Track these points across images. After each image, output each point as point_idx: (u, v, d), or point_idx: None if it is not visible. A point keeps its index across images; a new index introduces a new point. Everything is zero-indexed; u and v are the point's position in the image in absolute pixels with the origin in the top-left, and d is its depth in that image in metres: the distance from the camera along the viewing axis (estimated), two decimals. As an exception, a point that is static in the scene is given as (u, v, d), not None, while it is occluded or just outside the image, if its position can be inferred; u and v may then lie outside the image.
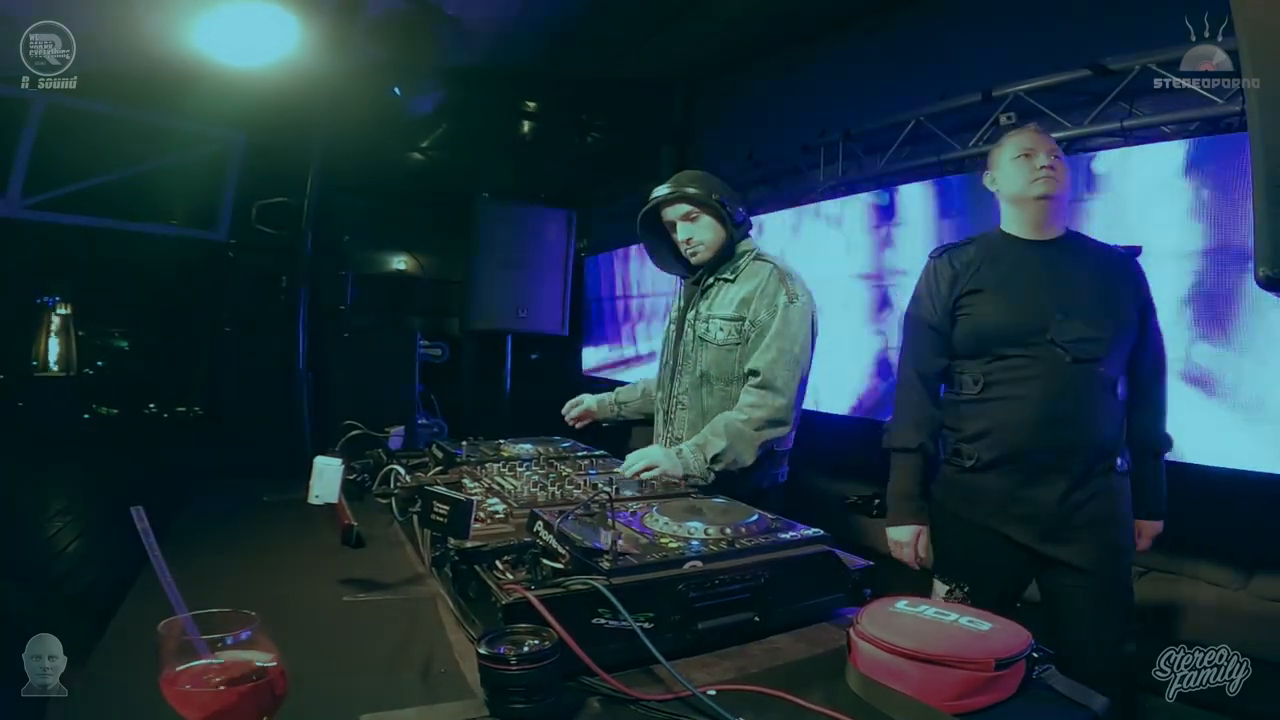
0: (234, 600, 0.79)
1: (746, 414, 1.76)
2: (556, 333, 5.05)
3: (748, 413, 1.76)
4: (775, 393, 1.76)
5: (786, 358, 1.78)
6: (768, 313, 1.81)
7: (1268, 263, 0.98)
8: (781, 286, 1.82)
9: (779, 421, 1.77)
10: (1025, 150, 1.71)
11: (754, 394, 1.78)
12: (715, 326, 1.88)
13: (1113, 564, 1.67)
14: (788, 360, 1.78)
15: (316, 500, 1.40)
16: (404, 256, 5.99)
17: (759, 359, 1.79)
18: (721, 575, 1.04)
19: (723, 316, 1.87)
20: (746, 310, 1.84)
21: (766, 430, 1.76)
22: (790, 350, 1.78)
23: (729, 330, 1.86)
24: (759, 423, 1.75)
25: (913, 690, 0.86)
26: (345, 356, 4.10)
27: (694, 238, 1.89)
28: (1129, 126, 2.72)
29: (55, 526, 3.90)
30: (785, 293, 1.82)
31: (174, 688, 0.70)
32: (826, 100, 4.20)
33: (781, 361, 1.77)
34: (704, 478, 1.71)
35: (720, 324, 1.87)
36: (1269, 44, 0.96)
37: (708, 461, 1.71)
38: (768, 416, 1.75)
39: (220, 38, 3.35)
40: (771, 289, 1.82)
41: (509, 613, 0.92)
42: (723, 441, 1.73)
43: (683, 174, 1.92)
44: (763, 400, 1.76)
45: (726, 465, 1.73)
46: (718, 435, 1.74)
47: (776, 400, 1.76)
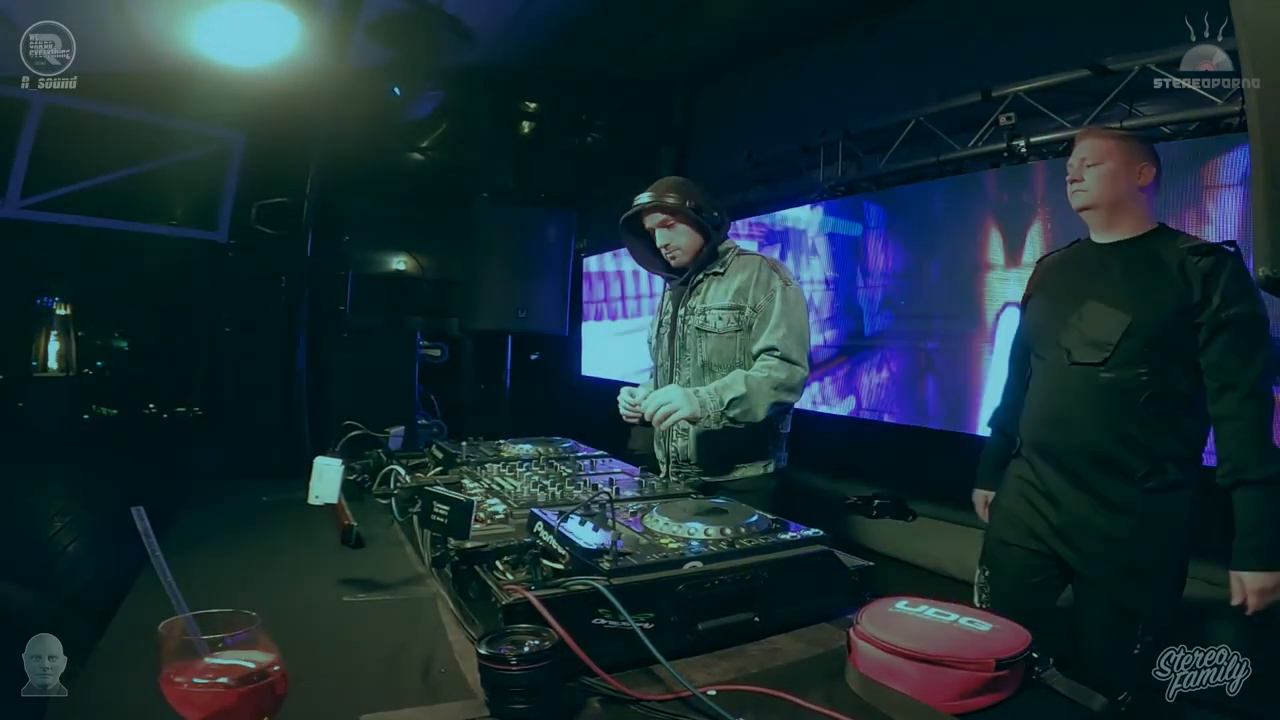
0: (234, 600, 0.79)
1: (765, 372, 1.84)
2: (556, 333, 5.05)
3: (766, 371, 1.85)
4: (792, 363, 1.86)
5: (796, 334, 1.89)
6: (766, 298, 1.91)
7: (1268, 263, 0.98)
8: (775, 273, 1.95)
9: (793, 388, 1.86)
10: (1067, 165, 1.71)
11: (772, 359, 1.87)
12: (714, 316, 1.97)
13: (1118, 581, 1.59)
14: (798, 335, 1.89)
15: (316, 500, 1.40)
16: (404, 257, 5.98)
17: (770, 336, 1.89)
18: (721, 575, 1.04)
19: (720, 306, 1.96)
20: (744, 299, 1.94)
21: (782, 393, 1.84)
22: (797, 328, 1.90)
23: (728, 318, 1.95)
24: (775, 382, 1.83)
25: (913, 690, 0.86)
26: (345, 357, 4.10)
27: (671, 243, 1.99)
28: (1129, 126, 2.72)
29: (55, 526, 3.89)
30: (779, 278, 1.94)
31: (174, 688, 0.70)
32: (826, 100, 4.20)
33: (793, 336, 1.88)
34: (717, 421, 1.80)
35: (719, 313, 1.96)
36: (1269, 44, 0.96)
37: (724, 405, 1.79)
38: (785, 380, 1.84)
39: (220, 38, 3.35)
40: (765, 276, 1.94)
41: (509, 613, 0.92)
42: (742, 388, 1.80)
43: (661, 182, 2.02)
44: (781, 366, 1.86)
45: (739, 415, 1.80)
46: (737, 383, 1.82)
47: (795, 369, 1.86)
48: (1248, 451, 1.47)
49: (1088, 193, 1.65)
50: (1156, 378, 1.55)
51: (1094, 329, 1.61)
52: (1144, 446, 1.57)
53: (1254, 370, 1.49)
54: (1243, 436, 1.48)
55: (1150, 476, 1.56)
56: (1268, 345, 1.51)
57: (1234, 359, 1.49)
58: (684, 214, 1.94)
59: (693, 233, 1.98)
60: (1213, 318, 1.50)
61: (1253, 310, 1.50)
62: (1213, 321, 1.50)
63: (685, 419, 1.77)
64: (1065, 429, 1.65)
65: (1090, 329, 1.62)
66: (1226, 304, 1.49)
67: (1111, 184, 1.63)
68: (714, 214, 1.98)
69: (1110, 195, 1.64)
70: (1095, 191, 1.64)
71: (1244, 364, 1.49)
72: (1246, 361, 1.49)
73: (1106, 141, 1.66)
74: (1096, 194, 1.64)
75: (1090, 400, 1.61)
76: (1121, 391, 1.57)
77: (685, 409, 1.76)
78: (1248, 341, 1.50)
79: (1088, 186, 1.65)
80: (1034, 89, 3.00)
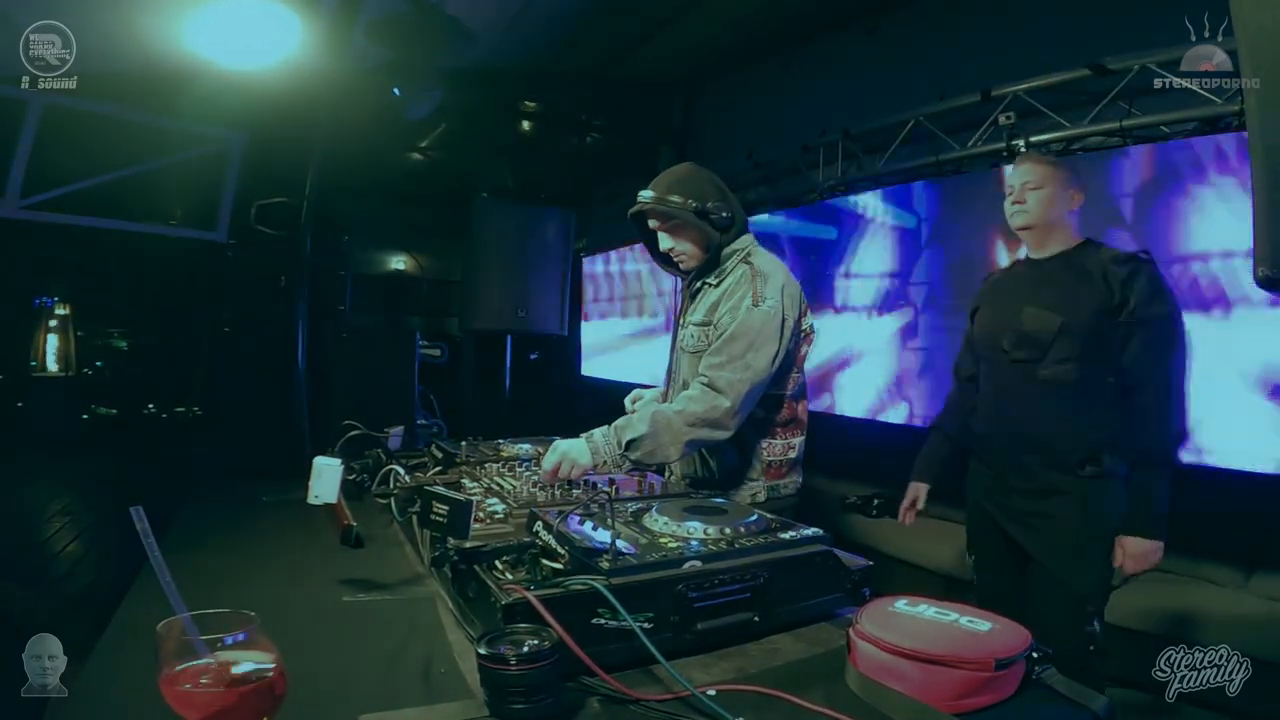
0: (234, 600, 0.79)
1: (681, 404, 1.63)
2: (556, 333, 5.05)
3: (683, 403, 1.63)
4: (718, 394, 1.62)
5: (736, 363, 1.64)
6: (730, 316, 1.70)
7: (1267, 263, 0.98)
8: (749, 289, 1.71)
9: (714, 423, 1.62)
10: (1008, 186, 1.87)
11: (696, 389, 1.66)
12: (689, 334, 1.81)
13: (1065, 565, 1.74)
14: (737, 365, 1.64)
15: (316, 500, 1.40)
16: (403, 256, 5.99)
17: (706, 361, 1.69)
18: (721, 575, 1.04)
19: (695, 323, 1.80)
20: (714, 314, 1.75)
21: (700, 430, 1.61)
22: (741, 356, 1.65)
23: (699, 336, 1.77)
24: (691, 418, 1.61)
25: (912, 690, 0.86)
26: (345, 356, 4.09)
27: (675, 248, 1.81)
28: (1128, 126, 2.72)
29: (55, 526, 3.89)
30: (751, 295, 1.70)
31: (174, 688, 0.70)
32: (826, 100, 4.20)
33: (729, 365, 1.64)
34: (617, 465, 1.59)
35: (694, 330, 1.80)
36: (1269, 44, 0.96)
37: (621, 447, 1.58)
38: (703, 414, 1.61)
39: (220, 38, 3.34)
40: (740, 292, 1.71)
41: (509, 613, 0.92)
42: (643, 427, 1.59)
43: (666, 175, 1.82)
44: (702, 396, 1.63)
45: (644, 455, 1.59)
46: (641, 420, 1.61)
47: (718, 400, 1.62)
48: (1152, 437, 1.69)
49: (1028, 214, 1.81)
50: (1087, 371, 1.73)
51: (1031, 330, 1.78)
52: (1079, 436, 1.73)
53: (1162, 366, 1.69)
54: (1151, 424, 1.69)
55: (1086, 464, 1.72)
56: (1177, 345, 1.71)
57: (1147, 356, 1.69)
58: (685, 218, 1.75)
59: (698, 236, 1.78)
60: (1129, 317, 1.69)
61: (1163, 312, 1.70)
62: (1129, 321, 1.69)
63: (584, 469, 1.56)
64: (1009, 423, 1.84)
65: (1028, 331, 1.79)
66: (1141, 305, 1.69)
67: (1049, 207, 1.80)
68: (723, 214, 1.75)
69: (1047, 217, 1.81)
70: (1034, 213, 1.81)
71: (1155, 361, 1.69)
72: (1157, 358, 1.69)
73: (1045, 168, 1.82)
74: (1035, 215, 1.81)
75: (1029, 395, 1.79)
76: (1057, 385, 1.75)
77: (582, 459, 1.56)
78: (1159, 341, 1.69)
79: (1029, 209, 1.81)
80: (1034, 89, 3.00)
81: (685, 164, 1.89)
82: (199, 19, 3.27)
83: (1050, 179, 1.80)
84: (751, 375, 1.64)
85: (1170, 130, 2.64)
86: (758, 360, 1.65)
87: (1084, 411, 1.73)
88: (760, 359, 1.65)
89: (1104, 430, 1.72)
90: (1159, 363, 1.70)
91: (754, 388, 1.65)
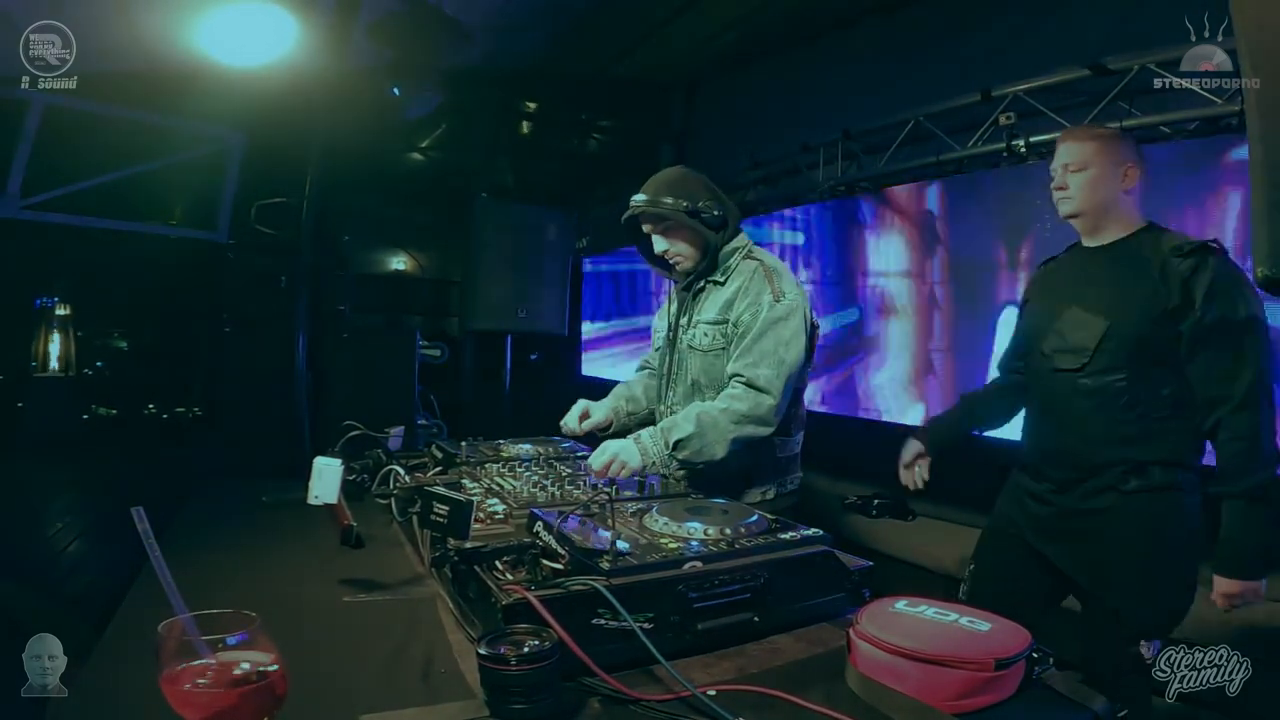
0: (234, 600, 0.79)
1: (725, 403, 1.67)
2: (556, 333, 5.05)
3: (726, 401, 1.67)
4: (760, 392, 1.67)
5: (770, 359, 1.69)
6: (750, 313, 1.73)
7: (1266, 263, 0.98)
8: (767, 285, 1.74)
9: (760, 419, 1.66)
10: (1051, 169, 1.67)
11: (737, 387, 1.69)
12: (701, 332, 1.82)
13: (1104, 584, 1.58)
14: (772, 361, 1.68)
15: (316, 501, 1.40)
16: (404, 256, 5.98)
17: (739, 361, 1.71)
18: (721, 575, 1.04)
19: (708, 321, 1.81)
20: (729, 312, 1.77)
21: (746, 427, 1.65)
22: (774, 352, 1.69)
23: (713, 335, 1.79)
24: (736, 415, 1.65)
25: (912, 690, 0.86)
26: (345, 357, 4.10)
27: (671, 250, 1.83)
28: (1128, 126, 2.72)
29: (55, 526, 3.89)
30: (770, 291, 1.73)
31: (174, 688, 0.70)
32: (826, 100, 4.20)
33: (766, 361, 1.68)
34: (665, 466, 1.62)
35: (705, 329, 1.81)
36: (1269, 44, 0.96)
37: (669, 448, 1.62)
38: (748, 412, 1.65)
39: (219, 38, 3.35)
40: (756, 288, 1.75)
41: (509, 613, 0.92)
42: (690, 427, 1.63)
43: (658, 178, 1.84)
44: (745, 395, 1.67)
45: (691, 455, 1.63)
46: (687, 420, 1.65)
47: (761, 398, 1.66)
48: (1234, 464, 1.45)
49: (1073, 200, 1.61)
50: (1137, 382, 1.52)
51: (1073, 336, 1.60)
52: (1124, 450, 1.54)
53: (1242, 382, 1.42)
54: (1231, 448, 1.45)
55: (1129, 478, 1.54)
56: (1258, 349, 1.44)
57: (1218, 372, 1.45)
58: (678, 219, 1.77)
59: (692, 236, 1.80)
60: (1194, 326, 1.45)
61: (1237, 313, 1.43)
62: (1195, 329, 1.45)
63: (634, 469, 1.59)
64: (1050, 434, 1.68)
65: (1069, 336, 1.61)
66: (1208, 309, 1.43)
67: (1096, 190, 1.58)
68: (715, 213, 1.78)
69: (1095, 202, 1.59)
70: (1080, 199, 1.60)
71: (1230, 376, 1.43)
72: (1232, 374, 1.43)
73: (1088, 144, 1.60)
74: (1081, 201, 1.60)
75: (1072, 406, 1.60)
76: (1101, 397, 1.55)
77: (633, 460, 1.59)
78: (1232, 350, 1.43)
79: (1072, 194, 1.61)
80: (1034, 89, 3.00)
81: (675, 167, 1.93)
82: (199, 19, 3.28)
83: (1095, 158, 1.57)
84: (787, 370, 1.70)
85: (1170, 130, 2.64)
86: (790, 354, 1.71)
87: (1134, 423, 1.53)
88: (792, 353, 1.71)
89: (1159, 444, 1.52)
90: (1236, 377, 1.42)
91: (789, 380, 1.70)
